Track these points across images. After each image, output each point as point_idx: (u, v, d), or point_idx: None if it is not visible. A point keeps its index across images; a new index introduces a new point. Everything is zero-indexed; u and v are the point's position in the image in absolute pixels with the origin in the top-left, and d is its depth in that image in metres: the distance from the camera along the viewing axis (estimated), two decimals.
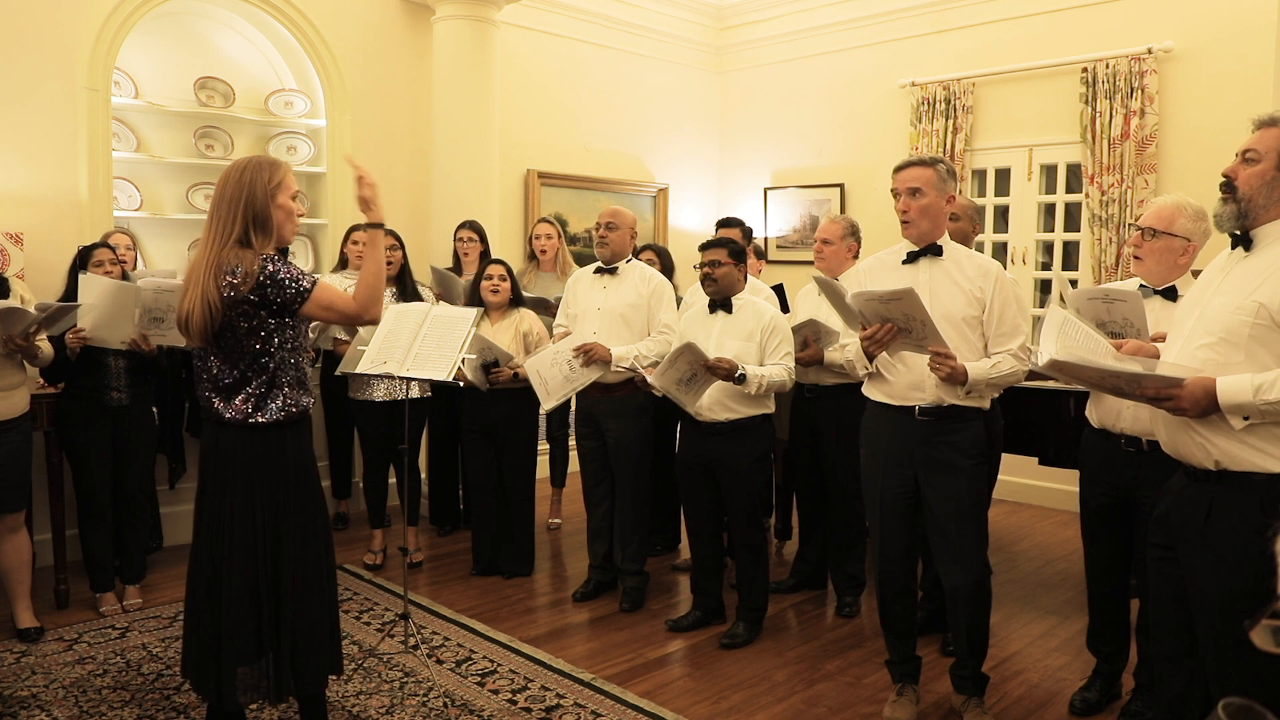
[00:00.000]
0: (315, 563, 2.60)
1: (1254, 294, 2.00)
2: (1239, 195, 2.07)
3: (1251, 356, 1.99)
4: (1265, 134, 2.07)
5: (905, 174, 2.92)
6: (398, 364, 3.47)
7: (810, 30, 6.91)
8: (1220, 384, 1.98)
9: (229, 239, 2.42)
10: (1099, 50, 5.45)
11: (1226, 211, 2.10)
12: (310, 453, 2.64)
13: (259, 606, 2.51)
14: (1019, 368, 2.86)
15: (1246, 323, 2.00)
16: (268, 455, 2.52)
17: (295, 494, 2.56)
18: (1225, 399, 1.97)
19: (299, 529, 2.56)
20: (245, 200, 2.43)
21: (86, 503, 3.88)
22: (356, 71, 5.51)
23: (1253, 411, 1.96)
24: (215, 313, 2.40)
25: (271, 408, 2.50)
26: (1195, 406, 2.00)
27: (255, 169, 2.46)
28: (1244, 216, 2.07)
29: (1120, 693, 3.21)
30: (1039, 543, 5.15)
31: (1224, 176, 2.11)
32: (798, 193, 7.11)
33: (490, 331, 4.32)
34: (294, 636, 2.55)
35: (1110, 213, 5.38)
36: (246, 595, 2.50)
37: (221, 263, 2.40)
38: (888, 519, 3.03)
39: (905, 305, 2.66)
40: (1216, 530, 2.05)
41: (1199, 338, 2.09)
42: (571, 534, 5.19)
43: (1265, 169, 2.04)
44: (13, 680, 3.28)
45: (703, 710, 3.18)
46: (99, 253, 3.79)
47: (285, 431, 2.54)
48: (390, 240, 4.48)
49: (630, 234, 4.12)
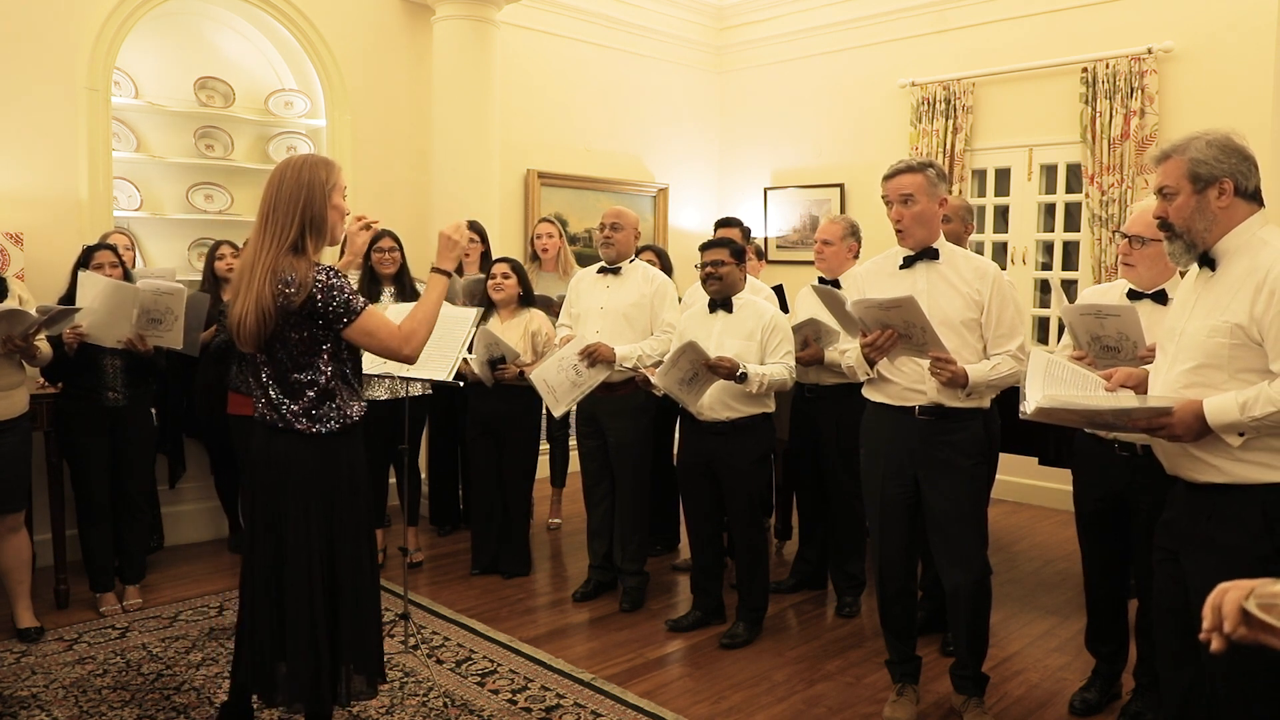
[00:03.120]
0: (369, 570, 2.58)
1: (1225, 314, 2.03)
2: (1177, 230, 2.12)
3: (1234, 376, 2.01)
4: (1168, 167, 2.11)
5: (895, 182, 2.91)
6: (398, 364, 3.46)
7: (810, 30, 6.91)
8: (1207, 406, 2.00)
9: (285, 242, 2.36)
10: (1099, 50, 5.45)
11: (1176, 249, 2.14)
12: (362, 459, 2.59)
13: (315, 613, 2.48)
14: (1018, 369, 2.86)
15: (1224, 344, 2.03)
16: (321, 464, 2.48)
17: (349, 501, 2.53)
18: (1214, 420, 1.99)
19: (353, 537, 2.53)
20: (304, 201, 2.38)
21: (85, 504, 3.88)
22: (356, 72, 5.51)
23: (1245, 428, 1.98)
24: (269, 321, 2.36)
25: (323, 417, 2.46)
26: (1188, 431, 2.02)
27: (312, 168, 2.40)
28: (1194, 247, 2.11)
29: (1120, 693, 3.21)
30: (1039, 543, 5.15)
31: (1156, 218, 2.16)
32: (798, 193, 7.11)
33: (499, 329, 4.32)
34: (352, 643, 2.54)
35: (1110, 213, 5.38)
36: (304, 600, 2.47)
37: (278, 270, 2.34)
38: (888, 519, 3.03)
39: (905, 312, 2.67)
40: (1219, 535, 2.05)
41: (1181, 363, 2.11)
42: (571, 534, 5.19)
43: (1185, 199, 2.09)
44: (13, 680, 3.28)
45: (703, 710, 3.18)
46: (100, 254, 3.79)
47: (339, 440, 2.50)
48: (389, 241, 4.49)
49: (634, 234, 4.14)
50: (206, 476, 4.88)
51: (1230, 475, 2.03)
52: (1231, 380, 2.01)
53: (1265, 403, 1.94)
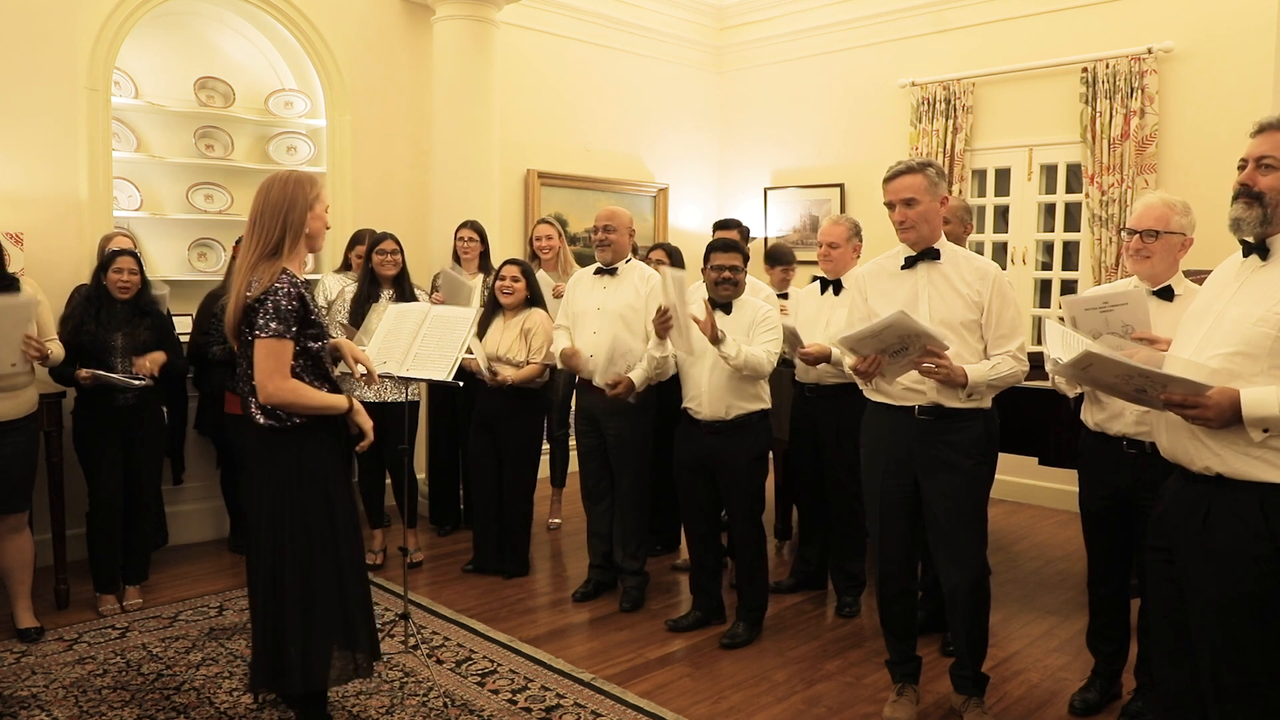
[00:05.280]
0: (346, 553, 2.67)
1: (1278, 306, 1.98)
2: (1266, 201, 2.04)
3: (1270, 369, 1.97)
4: (1278, 138, 2.03)
5: (896, 184, 2.91)
6: (398, 364, 3.47)
7: (810, 30, 6.91)
8: (1245, 395, 1.95)
9: (267, 245, 2.58)
10: (1099, 50, 5.45)
11: (1251, 215, 2.06)
12: (322, 457, 2.66)
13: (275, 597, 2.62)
14: (1018, 369, 2.86)
15: (1270, 335, 1.97)
16: (272, 456, 2.64)
17: (297, 497, 2.61)
18: (1250, 411, 1.94)
19: (301, 533, 2.60)
20: (286, 209, 2.58)
21: (101, 510, 3.90)
22: (357, 71, 5.51)
23: (1275, 425, 1.93)
24: (238, 316, 2.58)
25: (271, 412, 2.60)
26: (1219, 416, 1.96)
27: (297, 183, 2.62)
28: (1267, 222, 2.05)
29: (1120, 693, 3.21)
30: (1039, 543, 5.15)
31: (1242, 185, 2.07)
32: (798, 193, 7.11)
33: (499, 328, 4.34)
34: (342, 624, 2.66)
35: (1110, 213, 5.38)
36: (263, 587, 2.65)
37: (253, 269, 2.57)
38: (888, 519, 3.03)
39: (898, 329, 2.65)
40: (1215, 533, 2.04)
41: (1214, 347, 2.06)
42: (571, 534, 5.19)
43: None
44: (13, 680, 3.29)
45: (703, 710, 3.18)
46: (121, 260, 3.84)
47: (287, 436, 2.62)
48: (391, 244, 4.50)
49: (629, 234, 4.13)
50: (207, 476, 4.89)
51: (1230, 468, 2.01)
52: (1266, 374, 1.97)
53: None
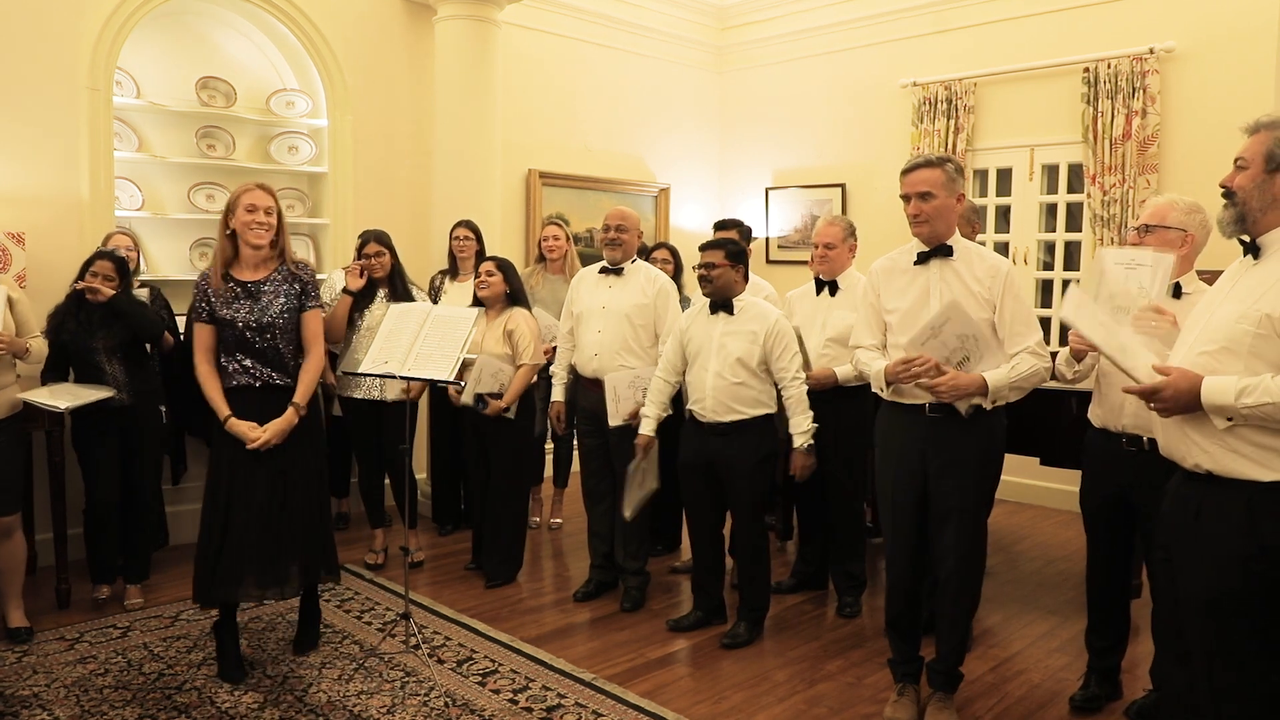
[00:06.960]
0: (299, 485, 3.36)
1: (1258, 304, 2.02)
2: (1236, 199, 2.13)
3: (1249, 367, 2.01)
4: (1253, 140, 2.14)
5: (914, 176, 2.90)
6: (398, 364, 3.47)
7: (811, 30, 6.91)
8: (1206, 382, 2.02)
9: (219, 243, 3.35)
10: (1101, 50, 5.45)
11: (1226, 215, 2.16)
12: (245, 416, 3.24)
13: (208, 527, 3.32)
14: (1039, 365, 2.81)
15: (1249, 332, 2.02)
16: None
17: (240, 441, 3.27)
18: (1208, 397, 2.01)
19: (260, 463, 3.27)
20: (223, 216, 3.31)
21: (100, 510, 3.90)
22: (358, 71, 5.51)
23: (1234, 413, 1.98)
24: None
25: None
26: (1177, 400, 2.04)
27: (232, 193, 3.31)
28: (1243, 220, 2.12)
29: (1121, 692, 3.21)
30: (1039, 543, 5.15)
31: (1222, 187, 2.17)
32: (799, 193, 7.11)
33: (480, 329, 4.23)
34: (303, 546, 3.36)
35: (1112, 213, 5.37)
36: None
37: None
38: (899, 519, 3.03)
39: (955, 325, 2.64)
40: (1205, 531, 2.07)
41: (1201, 344, 2.11)
42: (572, 534, 5.20)
43: (1254, 172, 2.10)
44: (14, 679, 3.29)
45: (703, 710, 3.18)
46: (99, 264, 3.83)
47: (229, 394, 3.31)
48: (374, 247, 4.51)
49: (638, 234, 4.17)
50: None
51: (1218, 464, 2.04)
52: (1245, 370, 2.01)
53: (1262, 393, 1.94)
